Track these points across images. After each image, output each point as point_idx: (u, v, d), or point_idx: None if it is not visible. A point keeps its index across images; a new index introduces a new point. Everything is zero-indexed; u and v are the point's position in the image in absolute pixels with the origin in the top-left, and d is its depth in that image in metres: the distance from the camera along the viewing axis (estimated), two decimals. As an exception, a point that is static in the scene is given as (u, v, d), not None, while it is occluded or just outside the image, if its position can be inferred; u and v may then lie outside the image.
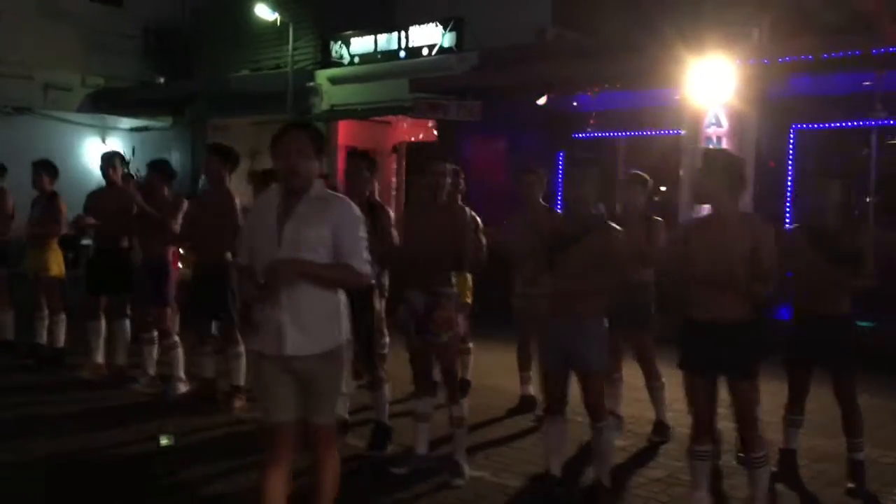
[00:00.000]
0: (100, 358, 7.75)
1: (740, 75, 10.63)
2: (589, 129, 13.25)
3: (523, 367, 6.68)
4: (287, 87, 16.07)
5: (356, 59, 15.95)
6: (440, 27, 14.70)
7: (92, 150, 18.47)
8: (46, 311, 8.23)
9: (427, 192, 4.94)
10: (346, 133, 16.82)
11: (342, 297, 3.71)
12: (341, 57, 16.16)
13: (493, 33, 14.03)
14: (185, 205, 6.99)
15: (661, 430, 5.96)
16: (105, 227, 7.48)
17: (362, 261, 3.61)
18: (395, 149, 16.81)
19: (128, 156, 18.88)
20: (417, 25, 15.01)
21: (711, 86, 10.89)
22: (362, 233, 3.62)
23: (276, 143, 3.63)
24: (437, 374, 5.16)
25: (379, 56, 15.60)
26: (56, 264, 8.12)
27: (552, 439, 4.71)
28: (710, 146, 11.42)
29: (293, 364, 3.57)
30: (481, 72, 13.48)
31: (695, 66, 10.88)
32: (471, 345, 7.03)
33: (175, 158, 19.06)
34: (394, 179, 17.30)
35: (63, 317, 8.15)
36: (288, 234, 3.55)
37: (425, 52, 14.95)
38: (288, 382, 3.61)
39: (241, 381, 6.66)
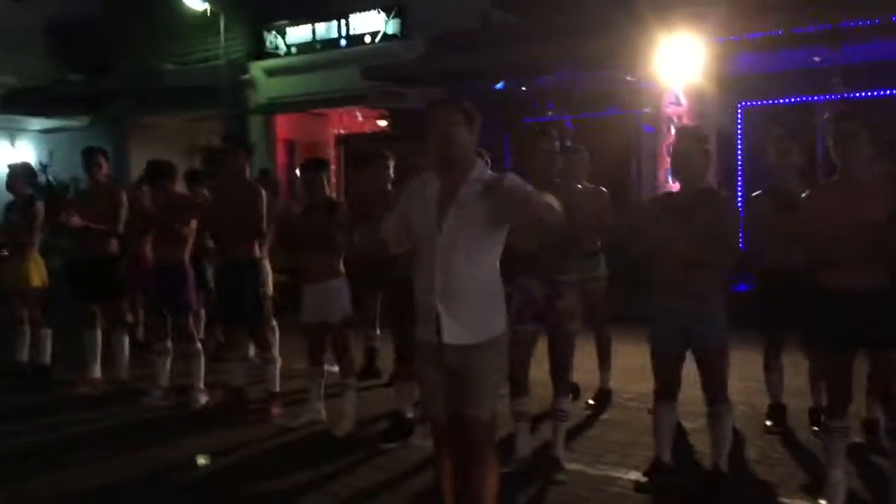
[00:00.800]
0: (97, 371, 7.22)
1: (706, 52, 10.73)
2: (550, 113, 13.19)
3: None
4: (218, 80, 15.45)
5: (293, 50, 15.50)
6: (383, 14, 14.41)
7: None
8: (28, 326, 7.63)
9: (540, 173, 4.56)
10: (284, 127, 16.37)
11: (499, 281, 3.49)
12: (276, 48, 15.68)
13: (434, 19, 13.84)
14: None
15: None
16: (90, 231, 6.94)
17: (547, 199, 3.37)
18: (339, 140, 16.40)
19: (44, 160, 18.05)
20: (358, 13, 14.68)
21: (674, 64, 10.95)
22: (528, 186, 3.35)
23: (425, 123, 3.40)
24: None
25: (318, 46, 15.20)
26: (38, 274, 7.52)
27: (664, 426, 4.58)
28: (674, 125, 11.61)
29: (448, 353, 3.35)
30: (433, 59, 13.25)
31: (657, 45, 10.97)
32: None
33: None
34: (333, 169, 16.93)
35: (48, 331, 7.57)
36: (450, 218, 3.34)
37: (368, 39, 14.63)
38: (440, 373, 3.41)
39: (277, 388, 6.29)
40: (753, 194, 5.71)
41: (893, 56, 10.38)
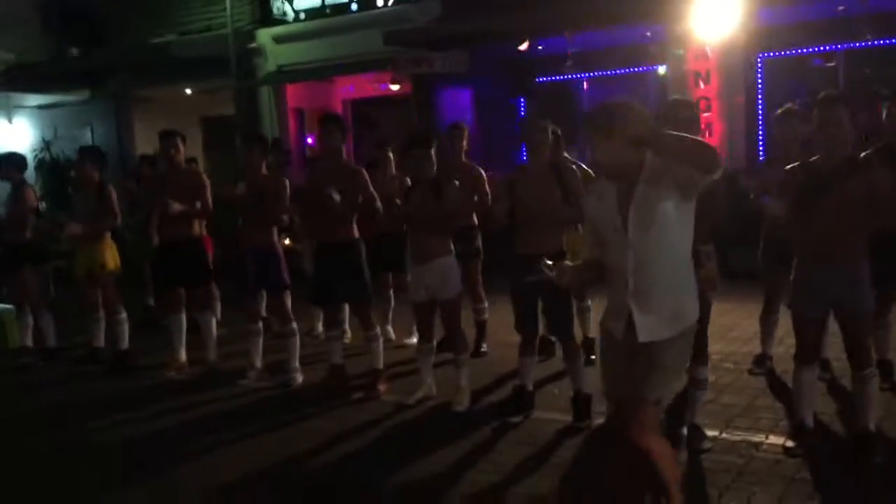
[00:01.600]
0: (183, 355, 7.24)
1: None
2: (567, 71, 13.16)
3: None
4: (225, 50, 15.19)
5: (302, 16, 15.25)
6: (395, -24, 14.21)
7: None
8: (103, 312, 7.61)
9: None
10: (292, 95, 16.17)
11: (691, 265, 3.55)
12: (284, 14, 15.41)
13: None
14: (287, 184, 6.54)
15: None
16: (170, 216, 6.91)
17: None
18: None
19: (48, 136, 17.72)
20: (368, -24, 14.47)
21: (701, 18, 10.86)
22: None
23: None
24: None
25: (328, 11, 14.97)
26: (112, 259, 7.46)
27: (806, 390, 4.70)
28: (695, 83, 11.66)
29: (641, 347, 3.42)
30: (452, 21, 13.12)
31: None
32: (589, 302, 6.89)
33: (98, 135, 17.89)
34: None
35: (124, 315, 7.54)
36: (634, 217, 3.38)
37: (380, 2, 14.43)
38: (630, 365, 3.47)
39: (381, 365, 6.35)
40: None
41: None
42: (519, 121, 15.11)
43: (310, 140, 16.57)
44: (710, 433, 4.95)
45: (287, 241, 8.92)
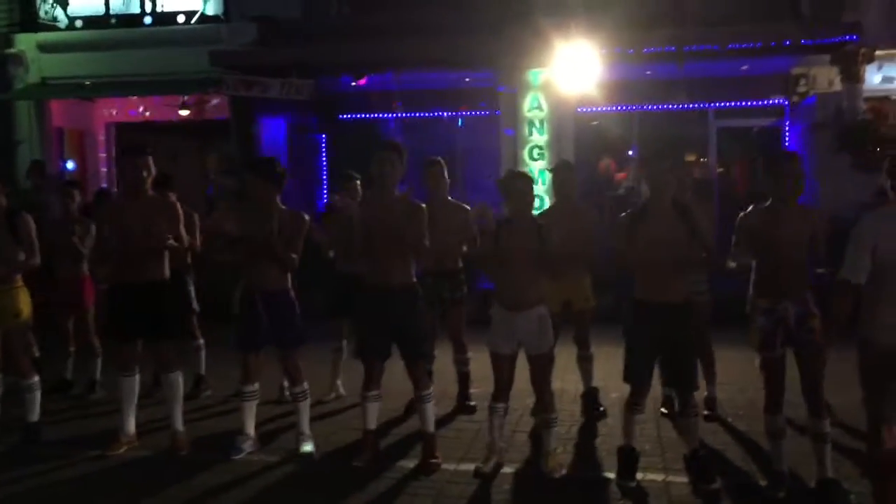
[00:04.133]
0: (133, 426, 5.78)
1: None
2: (397, 111, 12.85)
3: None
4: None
5: (77, 23, 13.32)
6: (198, -8, 13.00)
7: None
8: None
9: None
10: (59, 113, 14.00)
11: None
12: (54, 19, 13.36)
13: (255, 2, 12.80)
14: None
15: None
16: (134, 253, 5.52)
17: None
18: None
19: None
20: (167, -12, 13.08)
21: (570, 69, 11.15)
22: None
23: None
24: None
25: (113, 21, 13.23)
26: (26, 305, 5.78)
27: None
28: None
29: None
30: (276, 46, 12.23)
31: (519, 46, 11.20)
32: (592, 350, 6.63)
33: None
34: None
35: (36, 380, 5.86)
36: None
37: (181, 19, 13.08)
38: None
39: (432, 428, 5.49)
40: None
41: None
42: (324, 157, 14.48)
43: (70, 164, 14.44)
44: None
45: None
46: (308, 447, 5.51)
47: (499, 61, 11.88)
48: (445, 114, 13.96)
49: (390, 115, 14.18)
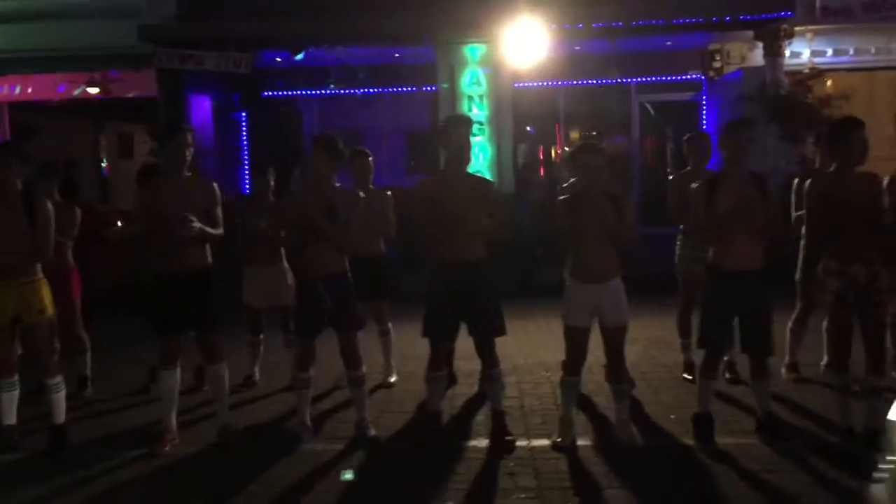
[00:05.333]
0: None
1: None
2: (331, 87, 12.49)
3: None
4: None
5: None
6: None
7: None
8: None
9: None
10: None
11: None
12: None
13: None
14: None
15: None
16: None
17: None
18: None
19: None
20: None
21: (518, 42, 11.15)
22: None
23: None
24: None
25: (17, -8, 12.21)
26: (49, 300, 5.25)
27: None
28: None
29: None
30: (202, 19, 11.62)
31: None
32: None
33: None
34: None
35: (60, 379, 5.36)
36: None
37: (92, -10, 12.22)
38: None
39: (501, 406, 5.38)
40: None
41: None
42: (245, 136, 13.94)
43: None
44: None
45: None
46: (372, 432, 5.33)
47: (437, 35, 11.79)
48: (379, 90, 13.73)
49: (316, 92, 13.84)
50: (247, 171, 13.76)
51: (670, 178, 6.66)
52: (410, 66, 13.12)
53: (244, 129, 13.95)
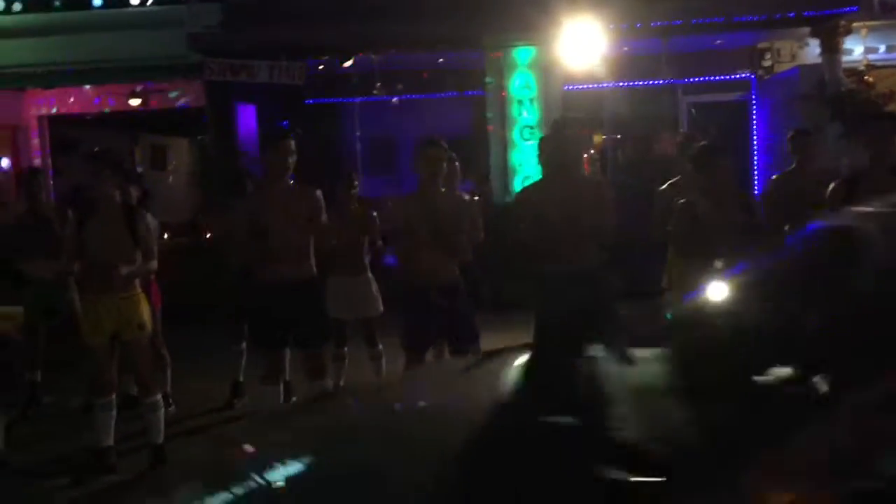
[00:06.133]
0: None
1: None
2: (374, 93, 12.24)
3: None
4: None
5: (16, 6, 12.02)
6: (152, -28, 12.00)
7: None
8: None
9: None
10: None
11: None
12: (-13, 2, 12.01)
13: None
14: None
15: None
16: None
17: None
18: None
19: None
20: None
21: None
22: None
23: None
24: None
25: (57, 3, 12.02)
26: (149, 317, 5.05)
27: None
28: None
29: None
30: (247, 28, 11.40)
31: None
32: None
33: None
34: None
35: (159, 398, 5.15)
36: None
37: (135, 1, 12.03)
38: None
39: None
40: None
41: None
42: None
43: (3, 162, 13.09)
44: None
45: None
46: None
47: (486, 39, 11.56)
48: (426, 97, 13.49)
49: (359, 99, 13.61)
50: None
51: (772, 178, 6.41)
52: (455, 71, 12.89)
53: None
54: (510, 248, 5.59)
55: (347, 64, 11.42)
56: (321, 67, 12.70)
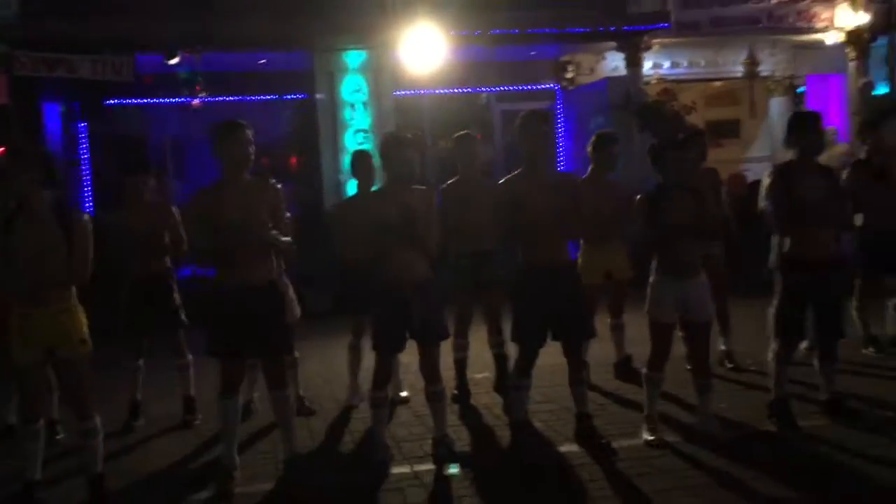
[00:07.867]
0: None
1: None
2: (200, 95, 11.46)
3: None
4: None
5: None
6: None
7: None
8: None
9: None
10: None
11: None
12: None
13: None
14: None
15: None
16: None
17: None
18: None
19: None
20: None
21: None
22: None
23: None
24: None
25: None
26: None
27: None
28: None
29: None
30: (47, 20, 10.27)
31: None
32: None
33: None
34: None
35: (98, 422, 4.49)
36: None
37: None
38: None
39: (587, 408, 5.20)
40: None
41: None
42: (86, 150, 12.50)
43: None
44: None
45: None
46: (456, 447, 5.00)
47: (317, 42, 11.32)
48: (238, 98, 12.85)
49: (170, 101, 12.71)
50: (89, 192, 12.31)
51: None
52: (277, 73, 12.46)
53: (84, 141, 12.47)
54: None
55: (173, 62, 10.62)
56: (167, 64, 11.63)
